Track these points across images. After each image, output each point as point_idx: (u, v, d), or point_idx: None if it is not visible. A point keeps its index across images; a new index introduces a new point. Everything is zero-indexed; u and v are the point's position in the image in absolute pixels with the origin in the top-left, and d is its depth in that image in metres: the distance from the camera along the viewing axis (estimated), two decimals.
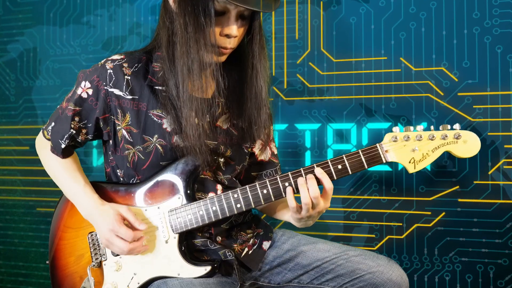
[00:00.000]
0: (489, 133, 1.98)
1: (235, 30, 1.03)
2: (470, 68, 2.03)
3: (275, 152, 1.30)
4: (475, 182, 2.01)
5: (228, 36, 1.04)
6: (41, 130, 1.20)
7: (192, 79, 1.03)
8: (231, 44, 1.05)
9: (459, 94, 2.02)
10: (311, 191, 1.03)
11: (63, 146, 1.13)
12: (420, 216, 2.08)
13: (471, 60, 2.02)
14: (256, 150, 1.28)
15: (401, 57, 2.11)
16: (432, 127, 1.10)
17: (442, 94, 2.04)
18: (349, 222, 2.18)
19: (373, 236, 2.14)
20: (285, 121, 2.30)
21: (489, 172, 1.99)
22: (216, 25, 1.01)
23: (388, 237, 2.13)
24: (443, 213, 2.05)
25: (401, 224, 2.11)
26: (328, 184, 1.04)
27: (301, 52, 2.26)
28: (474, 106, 2.01)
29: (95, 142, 2.48)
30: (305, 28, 2.26)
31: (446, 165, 2.03)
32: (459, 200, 2.03)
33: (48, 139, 1.16)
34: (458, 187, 2.03)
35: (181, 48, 1.01)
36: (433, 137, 1.06)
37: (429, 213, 2.06)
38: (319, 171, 1.03)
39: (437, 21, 2.07)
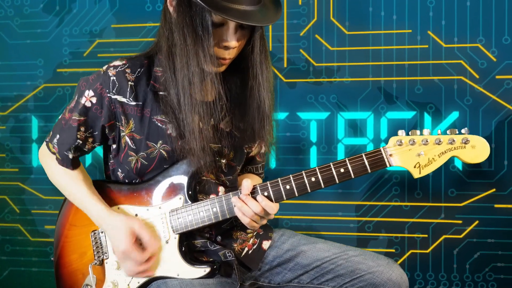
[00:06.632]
0: None
1: (233, 42, 1.49)
2: (511, 45, 2.42)
3: (262, 150, 1.85)
4: None
5: (226, 47, 1.51)
6: (45, 142, 1.69)
7: (194, 91, 1.51)
8: (230, 55, 1.53)
9: (497, 77, 2.43)
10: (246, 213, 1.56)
11: (71, 157, 1.64)
12: (449, 226, 2.47)
13: None
14: (253, 148, 1.82)
15: (428, 31, 2.48)
16: (439, 131, 1.51)
17: (477, 77, 2.44)
18: (363, 234, 2.56)
19: (393, 250, 2.52)
20: (285, 108, 2.61)
21: None
22: (214, 36, 1.48)
23: (410, 251, 2.52)
24: (476, 222, 2.46)
25: (426, 235, 2.50)
26: (254, 209, 1.55)
27: (305, 22, 2.59)
28: None
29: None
30: None
31: (481, 164, 2.42)
32: (496, 206, 2.44)
33: (54, 153, 1.66)
34: (494, 190, 2.44)
35: (181, 61, 1.50)
36: (440, 141, 1.49)
37: (460, 221, 2.46)
38: (243, 197, 1.56)
39: None
